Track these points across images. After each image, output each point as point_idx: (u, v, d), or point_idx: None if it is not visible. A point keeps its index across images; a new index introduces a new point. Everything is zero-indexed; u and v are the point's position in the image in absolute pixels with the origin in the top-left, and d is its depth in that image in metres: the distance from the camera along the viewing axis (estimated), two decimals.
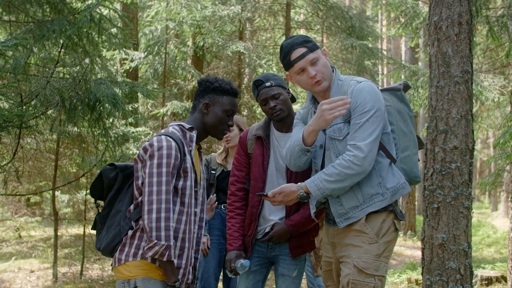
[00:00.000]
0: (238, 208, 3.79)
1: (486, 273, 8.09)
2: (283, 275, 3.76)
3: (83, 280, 8.89)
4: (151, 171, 2.75)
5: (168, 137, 2.81)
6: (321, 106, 3.03)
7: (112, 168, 2.97)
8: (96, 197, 3.07)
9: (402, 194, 3.18)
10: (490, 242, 14.33)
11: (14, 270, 10.35)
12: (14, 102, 4.86)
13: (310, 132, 3.14)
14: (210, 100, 3.03)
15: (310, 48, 3.16)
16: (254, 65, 11.28)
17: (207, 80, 3.06)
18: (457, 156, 3.60)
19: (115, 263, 2.85)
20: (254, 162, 3.76)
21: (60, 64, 5.41)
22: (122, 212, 2.88)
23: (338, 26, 12.29)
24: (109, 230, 2.89)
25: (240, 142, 3.88)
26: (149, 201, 2.72)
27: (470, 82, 3.63)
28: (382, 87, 3.45)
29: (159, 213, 2.70)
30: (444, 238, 3.58)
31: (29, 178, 9.88)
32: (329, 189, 3.03)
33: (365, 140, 3.00)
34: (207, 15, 10.56)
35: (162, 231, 2.70)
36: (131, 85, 5.96)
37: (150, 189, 2.73)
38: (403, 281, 8.40)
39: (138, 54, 10.41)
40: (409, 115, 3.32)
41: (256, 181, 3.73)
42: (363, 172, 3.02)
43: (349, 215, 3.15)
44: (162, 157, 2.76)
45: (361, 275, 3.06)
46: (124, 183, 2.96)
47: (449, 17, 3.62)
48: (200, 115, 3.04)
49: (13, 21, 6.47)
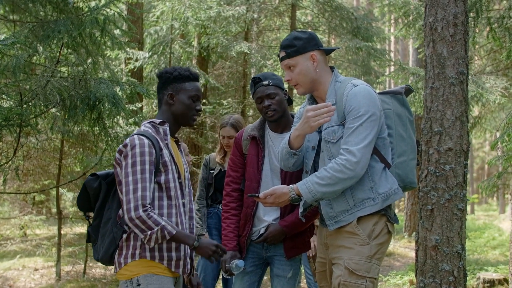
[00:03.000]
0: (233, 208, 3.80)
1: (488, 275, 8.04)
2: (278, 275, 3.77)
3: (86, 279, 8.93)
4: (126, 171, 2.81)
5: (140, 135, 2.86)
6: (306, 113, 3.06)
7: (94, 178, 3.01)
8: (84, 210, 3.09)
9: (394, 200, 3.17)
10: (495, 245, 14.24)
11: (19, 268, 10.41)
12: (15, 101, 4.90)
13: (296, 136, 3.17)
14: (173, 90, 3.04)
15: (289, 54, 3.19)
16: (259, 65, 11.27)
17: (166, 72, 3.07)
18: (451, 158, 3.59)
19: (117, 267, 2.89)
20: (249, 163, 3.77)
21: (62, 63, 5.44)
22: (113, 219, 2.91)
23: (344, 27, 12.27)
24: (104, 239, 2.92)
25: (235, 142, 3.89)
26: (126, 200, 2.77)
27: (465, 83, 3.62)
28: (383, 90, 3.45)
29: (137, 210, 2.75)
30: (437, 240, 3.57)
31: (33, 177, 9.94)
32: (320, 192, 3.03)
33: (358, 144, 2.99)
34: (212, 15, 10.57)
35: (147, 222, 2.75)
36: (132, 85, 5.99)
37: (127, 189, 2.78)
38: (405, 282, 8.37)
39: (142, 53, 10.42)
40: (409, 119, 3.30)
41: (250, 182, 3.74)
42: (355, 176, 3.01)
43: (339, 219, 3.15)
44: (135, 155, 2.80)
45: (352, 277, 3.06)
46: (109, 190, 2.99)
47: (444, 18, 3.61)
48: (167, 107, 3.05)
49: (17, 21, 6.51)
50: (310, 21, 14.31)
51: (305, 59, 3.18)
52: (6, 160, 5.65)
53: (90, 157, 7.90)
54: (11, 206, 13.57)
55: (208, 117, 11.86)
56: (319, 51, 3.23)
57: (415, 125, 3.36)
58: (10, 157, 5.57)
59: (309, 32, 3.27)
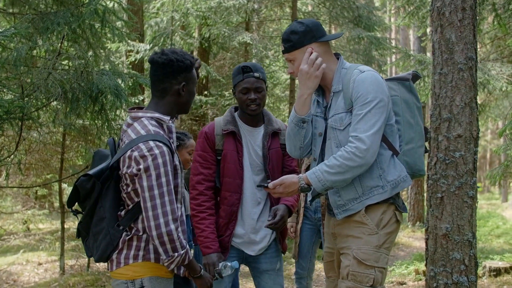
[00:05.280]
0: (209, 208, 3.57)
1: (494, 264, 8.01)
2: (267, 270, 3.70)
3: (90, 273, 8.89)
4: (150, 184, 2.59)
5: (156, 142, 2.62)
6: (301, 71, 3.09)
7: (87, 179, 2.74)
8: (73, 206, 2.89)
9: (403, 188, 3.12)
10: (500, 233, 14.23)
11: (22, 263, 10.40)
12: (16, 94, 4.84)
13: (305, 99, 3.15)
14: (186, 79, 2.81)
15: (286, 48, 3.18)
16: (260, 56, 11.21)
17: (177, 60, 2.76)
18: (461, 145, 3.53)
19: (114, 266, 2.76)
20: (228, 159, 3.60)
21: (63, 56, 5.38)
22: (107, 219, 2.74)
23: (345, 17, 12.20)
24: (97, 239, 2.76)
25: (206, 137, 3.64)
26: (154, 215, 2.59)
27: (474, 69, 3.55)
28: (389, 77, 3.39)
29: (168, 225, 2.59)
30: (448, 228, 3.52)
31: (36, 171, 9.90)
32: (330, 181, 2.97)
33: (367, 131, 2.94)
34: (212, 6, 10.51)
35: (175, 242, 2.63)
36: (134, 76, 5.93)
37: (154, 203, 2.59)
38: (410, 272, 8.34)
39: (143, 46, 10.37)
40: (416, 106, 3.25)
41: (232, 178, 3.59)
42: (365, 164, 2.96)
43: (347, 207, 3.10)
44: (158, 167, 2.59)
45: (361, 267, 3.01)
46: (102, 189, 2.77)
47: (452, 3, 3.54)
48: (175, 98, 2.81)
49: (17, 13, 6.46)
50: (311, 10, 14.23)
51: (303, 53, 3.14)
52: (8, 154, 5.61)
53: (92, 150, 7.85)
54: (13, 200, 13.53)
55: (210, 108, 11.82)
56: (317, 42, 3.17)
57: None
58: (12, 151, 5.52)
59: (306, 23, 3.15)
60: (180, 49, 2.84)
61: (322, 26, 3.21)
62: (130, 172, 2.62)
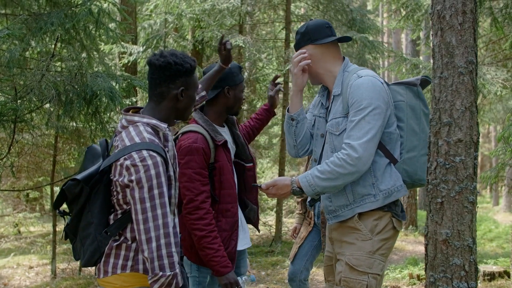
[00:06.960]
0: (215, 225, 3.39)
1: (488, 268, 8.01)
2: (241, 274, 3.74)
3: (82, 276, 8.82)
4: (142, 197, 2.44)
5: (150, 151, 2.46)
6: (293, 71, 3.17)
7: (75, 183, 2.59)
8: (59, 208, 2.77)
9: (397, 197, 3.08)
10: (492, 237, 14.27)
11: (13, 266, 10.29)
12: (9, 96, 4.78)
13: (293, 97, 3.24)
14: (185, 84, 2.65)
15: (295, 46, 3.27)
16: (254, 59, 11.18)
17: (176, 63, 2.60)
18: (461, 149, 3.49)
19: (101, 274, 2.64)
20: (225, 171, 3.45)
21: (57, 58, 5.32)
22: (95, 225, 2.60)
23: (339, 20, 12.17)
24: (85, 243, 2.64)
25: (204, 153, 3.39)
26: (145, 229, 2.44)
27: (474, 73, 3.52)
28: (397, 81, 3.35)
29: (159, 240, 2.45)
30: (448, 234, 3.48)
31: (27, 173, 9.82)
32: (320, 187, 2.95)
33: (360, 139, 2.90)
34: (206, 8, 10.47)
35: (164, 259, 2.46)
36: (128, 78, 5.88)
37: (145, 216, 2.45)
38: (404, 276, 8.32)
39: (136, 48, 10.32)
40: (424, 112, 3.19)
41: (231, 189, 3.48)
42: (357, 172, 2.92)
43: (338, 213, 3.08)
44: (151, 178, 2.43)
45: (353, 273, 2.98)
46: (90, 194, 2.62)
47: (452, 6, 3.50)
48: (172, 103, 2.65)
49: (9, 14, 6.39)
50: (305, 13, 14.20)
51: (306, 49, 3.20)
52: (1, 157, 5.53)
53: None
54: (4, 203, 13.43)
55: None
56: (313, 44, 3.16)
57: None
58: (5, 154, 5.44)
59: (308, 25, 3.19)
60: (180, 52, 2.70)
61: (328, 28, 3.19)
62: (121, 182, 2.48)
